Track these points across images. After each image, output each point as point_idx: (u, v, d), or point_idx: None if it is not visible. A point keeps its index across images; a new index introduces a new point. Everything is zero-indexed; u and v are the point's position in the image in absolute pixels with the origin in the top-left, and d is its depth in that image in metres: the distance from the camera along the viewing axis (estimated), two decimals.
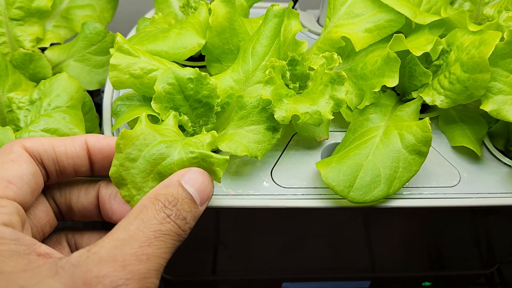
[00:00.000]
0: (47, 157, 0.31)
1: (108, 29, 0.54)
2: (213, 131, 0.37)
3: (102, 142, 0.32)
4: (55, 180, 0.32)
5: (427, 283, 0.63)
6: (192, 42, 0.43)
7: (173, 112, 0.38)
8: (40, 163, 0.31)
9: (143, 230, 0.27)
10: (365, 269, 0.60)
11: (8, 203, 0.28)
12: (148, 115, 0.38)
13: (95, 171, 0.33)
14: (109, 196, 0.33)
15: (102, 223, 0.36)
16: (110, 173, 0.31)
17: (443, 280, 0.64)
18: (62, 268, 0.25)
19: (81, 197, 0.34)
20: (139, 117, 0.33)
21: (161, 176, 0.32)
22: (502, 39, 0.39)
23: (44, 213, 0.32)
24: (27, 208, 0.30)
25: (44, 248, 0.27)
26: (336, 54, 0.41)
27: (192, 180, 0.30)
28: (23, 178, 0.29)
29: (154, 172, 0.32)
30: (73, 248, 0.34)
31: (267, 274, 0.61)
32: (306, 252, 0.56)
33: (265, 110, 0.41)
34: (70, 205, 0.34)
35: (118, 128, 0.45)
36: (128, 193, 0.32)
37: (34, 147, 0.30)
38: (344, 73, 0.39)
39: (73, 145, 0.32)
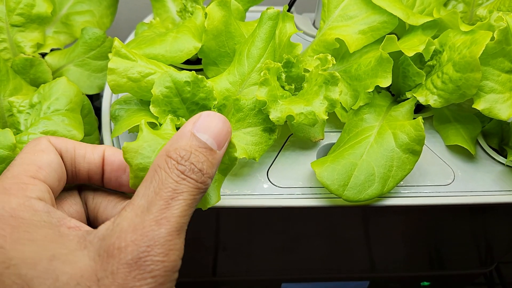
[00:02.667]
0: (67, 155, 0.32)
1: (109, 34, 0.55)
2: None
3: (116, 155, 0.33)
4: (70, 181, 0.33)
5: (426, 283, 0.63)
6: (189, 46, 0.44)
7: (169, 117, 0.38)
8: (61, 158, 0.32)
9: (160, 192, 0.26)
10: (364, 269, 0.61)
11: (40, 183, 0.29)
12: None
13: (104, 183, 0.34)
14: None
15: None
16: (130, 185, 0.32)
17: (442, 280, 0.64)
18: (91, 243, 0.26)
19: (109, 209, 0.34)
20: (139, 124, 0.33)
21: None
22: (492, 38, 0.40)
23: (77, 213, 0.33)
24: (54, 194, 0.31)
25: (74, 222, 0.28)
26: (330, 55, 0.42)
27: (204, 126, 0.29)
28: (51, 165, 0.30)
29: None
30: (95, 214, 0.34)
31: (266, 274, 0.61)
32: (305, 253, 0.56)
33: (261, 112, 0.41)
34: (97, 214, 0.34)
35: (118, 136, 0.46)
36: None
37: (58, 144, 0.32)
38: (337, 74, 0.40)
39: (92, 151, 0.33)
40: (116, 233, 0.26)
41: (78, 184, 0.34)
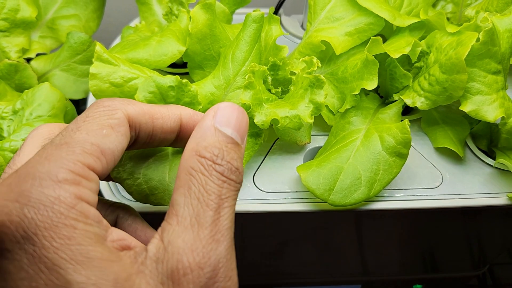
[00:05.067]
0: (145, 130, 0.27)
1: (97, 38, 0.54)
2: None
3: (194, 119, 0.28)
4: (133, 148, 0.29)
5: (418, 286, 0.63)
6: (173, 49, 0.44)
7: None
8: (137, 133, 0.27)
9: (207, 201, 0.23)
10: (356, 272, 0.60)
11: (95, 178, 0.24)
12: None
13: (173, 146, 0.30)
14: None
15: None
16: None
17: (434, 282, 0.64)
18: (144, 266, 0.22)
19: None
20: None
21: None
22: (478, 39, 0.39)
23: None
24: None
25: (116, 233, 0.24)
26: (315, 58, 0.42)
27: (226, 118, 0.25)
28: (115, 153, 0.25)
29: None
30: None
31: (257, 279, 0.61)
32: (296, 257, 0.56)
33: None
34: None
35: None
36: None
37: (137, 118, 0.26)
38: (322, 77, 0.39)
39: (169, 118, 0.28)
40: (174, 254, 0.22)
41: None
